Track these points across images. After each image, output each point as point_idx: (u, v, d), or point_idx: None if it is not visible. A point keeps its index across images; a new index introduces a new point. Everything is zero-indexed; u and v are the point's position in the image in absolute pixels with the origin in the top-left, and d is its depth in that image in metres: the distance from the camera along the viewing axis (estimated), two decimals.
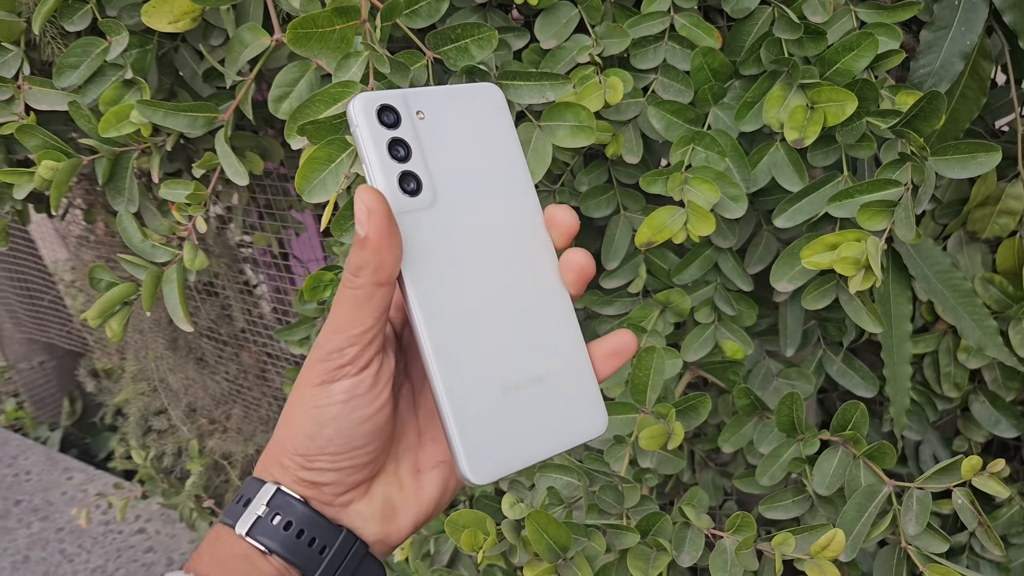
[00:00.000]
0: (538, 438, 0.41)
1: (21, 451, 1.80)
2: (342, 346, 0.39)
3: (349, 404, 0.40)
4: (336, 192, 0.57)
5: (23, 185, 0.73)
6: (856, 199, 0.65)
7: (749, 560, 0.56)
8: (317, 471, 0.41)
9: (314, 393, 0.40)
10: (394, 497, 0.43)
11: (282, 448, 0.42)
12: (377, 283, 0.38)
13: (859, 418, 0.67)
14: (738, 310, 0.79)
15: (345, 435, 0.41)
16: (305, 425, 0.41)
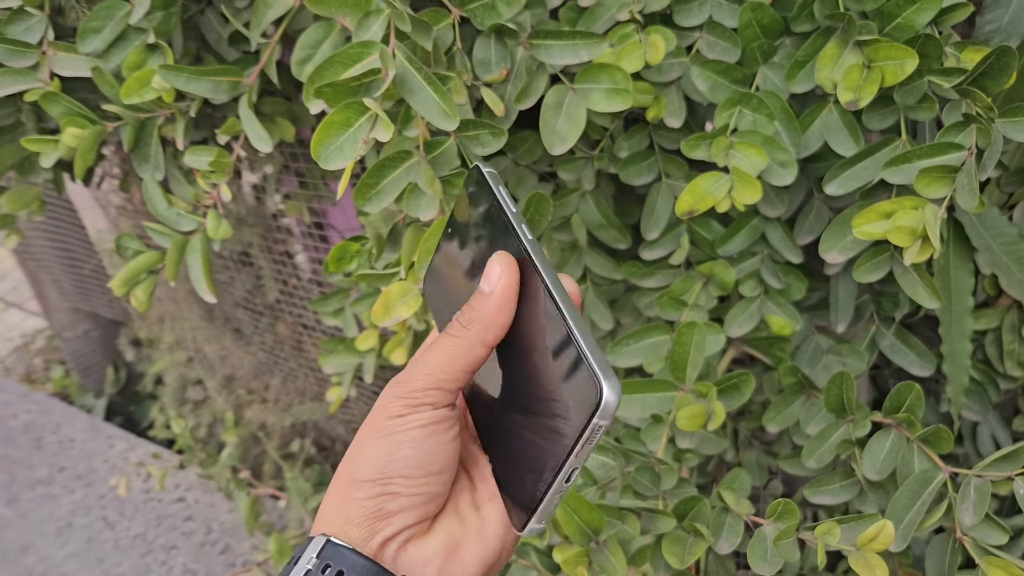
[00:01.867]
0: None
1: (65, 419, 1.83)
2: (427, 387, 0.40)
3: (426, 430, 0.39)
4: (354, 158, 0.54)
5: (49, 153, 0.72)
6: (914, 164, 0.60)
7: (790, 550, 0.53)
8: (390, 496, 0.39)
9: (391, 424, 0.40)
10: (455, 531, 0.41)
11: (348, 480, 0.40)
12: (483, 341, 0.39)
13: (914, 400, 0.63)
14: (786, 283, 0.75)
15: (423, 457, 0.39)
16: (378, 453, 0.39)
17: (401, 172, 0.59)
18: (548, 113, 0.65)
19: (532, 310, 0.40)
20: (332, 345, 1.06)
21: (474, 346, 0.40)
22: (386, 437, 0.39)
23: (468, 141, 0.62)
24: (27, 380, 2.40)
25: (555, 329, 0.38)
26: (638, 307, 0.81)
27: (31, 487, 1.65)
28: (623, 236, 0.78)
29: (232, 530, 1.49)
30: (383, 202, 0.58)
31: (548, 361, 0.38)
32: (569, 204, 0.79)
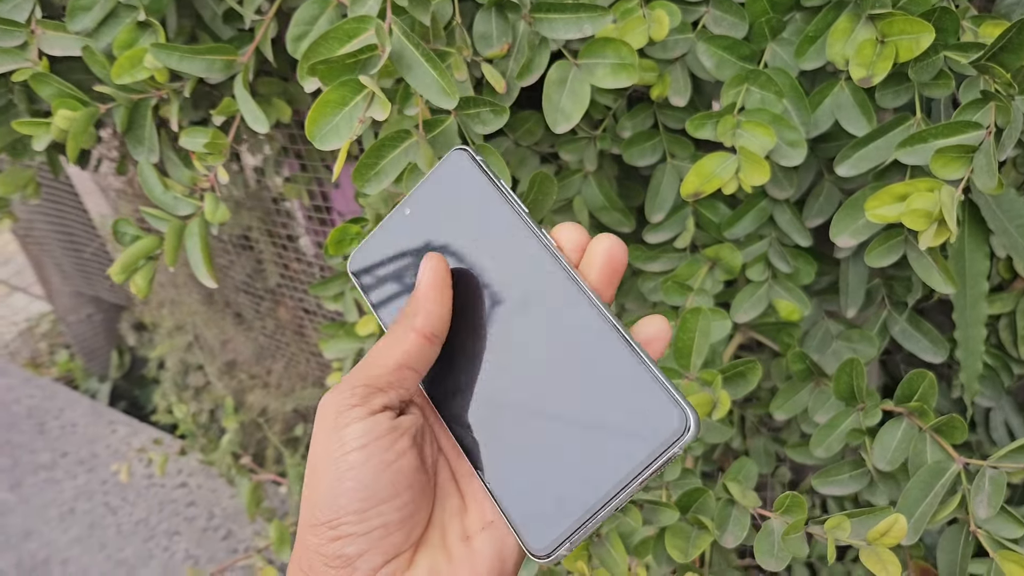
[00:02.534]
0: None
1: (68, 404, 1.82)
2: (357, 382, 0.38)
3: (365, 451, 0.36)
4: (350, 138, 0.52)
5: (41, 136, 0.70)
6: (930, 144, 0.58)
7: (798, 545, 0.51)
8: (345, 540, 0.36)
9: (330, 444, 0.37)
10: (442, 570, 0.37)
11: (306, 523, 0.37)
12: (412, 327, 0.38)
13: (927, 388, 0.61)
14: (795, 267, 0.72)
15: (367, 487, 0.36)
16: (324, 483, 0.36)
17: (400, 152, 0.57)
18: (551, 89, 0.63)
19: (566, 317, 0.38)
20: (332, 330, 1.05)
21: (405, 336, 0.38)
22: (330, 464, 0.36)
23: (469, 119, 0.60)
24: (32, 364, 2.40)
25: (607, 343, 0.36)
26: (642, 292, 0.79)
27: (34, 472, 1.65)
28: (627, 219, 0.76)
29: (234, 516, 1.48)
30: (382, 183, 0.56)
31: (603, 378, 0.36)
32: (571, 186, 0.76)
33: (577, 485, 0.35)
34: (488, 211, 0.41)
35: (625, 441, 0.35)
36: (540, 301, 0.39)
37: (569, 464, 0.36)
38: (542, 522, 0.36)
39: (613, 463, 0.35)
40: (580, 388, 0.37)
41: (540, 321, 0.38)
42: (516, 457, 0.37)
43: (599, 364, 0.36)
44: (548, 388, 0.37)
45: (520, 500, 0.37)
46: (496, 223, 0.41)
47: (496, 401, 0.38)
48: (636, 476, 0.34)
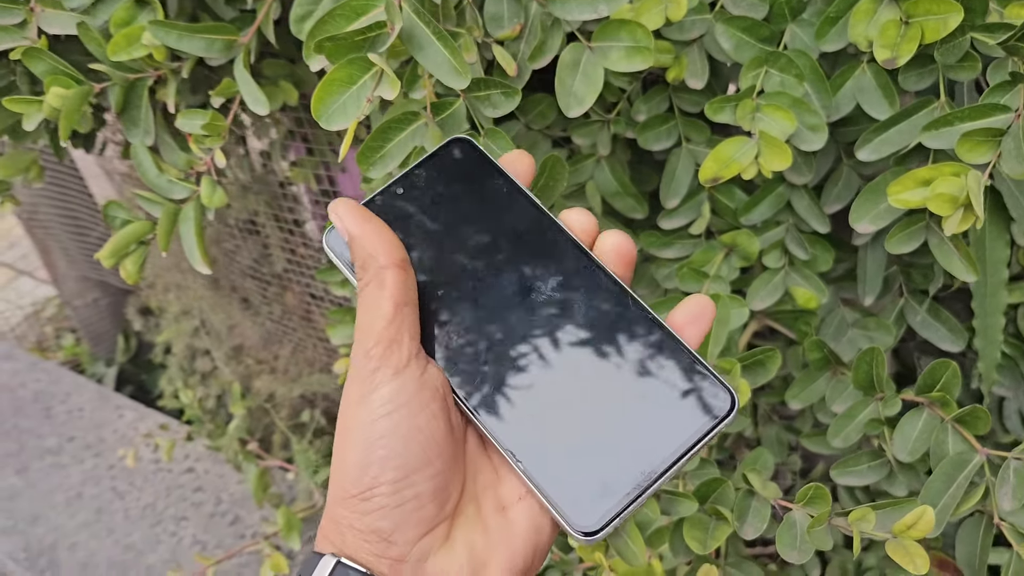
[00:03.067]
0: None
1: (75, 388, 1.81)
2: (369, 346, 0.36)
3: (395, 416, 0.35)
4: (357, 118, 0.51)
5: (33, 114, 0.68)
6: (956, 127, 0.56)
7: (823, 538, 0.50)
8: (378, 513, 0.34)
9: (356, 413, 0.35)
10: (479, 544, 0.36)
11: (336, 497, 0.36)
12: (380, 267, 0.37)
13: (950, 378, 0.59)
14: (812, 254, 0.71)
15: (399, 454, 0.35)
16: (354, 455, 0.35)
17: (407, 135, 0.55)
18: (564, 72, 0.62)
19: (594, 298, 0.38)
20: (340, 316, 1.03)
21: (380, 279, 0.37)
22: (358, 433, 0.35)
23: (479, 102, 0.58)
24: (38, 348, 2.39)
25: (640, 322, 0.37)
26: (656, 278, 0.77)
27: (40, 457, 1.65)
28: (640, 205, 0.75)
29: (242, 501, 1.48)
30: (388, 166, 0.55)
31: (640, 358, 0.36)
32: (583, 171, 0.75)
33: (623, 464, 0.35)
34: (496, 195, 0.41)
35: (671, 419, 0.35)
36: (565, 284, 0.38)
37: (613, 443, 0.36)
38: (587, 502, 0.35)
39: (660, 441, 0.35)
40: (618, 369, 0.37)
41: (568, 303, 0.38)
42: (554, 439, 0.37)
43: (634, 343, 0.37)
44: (584, 369, 0.37)
45: (561, 482, 0.36)
46: (507, 206, 0.41)
47: (526, 384, 0.38)
48: (684, 454, 0.35)
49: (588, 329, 0.38)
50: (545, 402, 0.37)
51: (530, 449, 0.36)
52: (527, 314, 0.38)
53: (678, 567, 0.70)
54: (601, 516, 0.35)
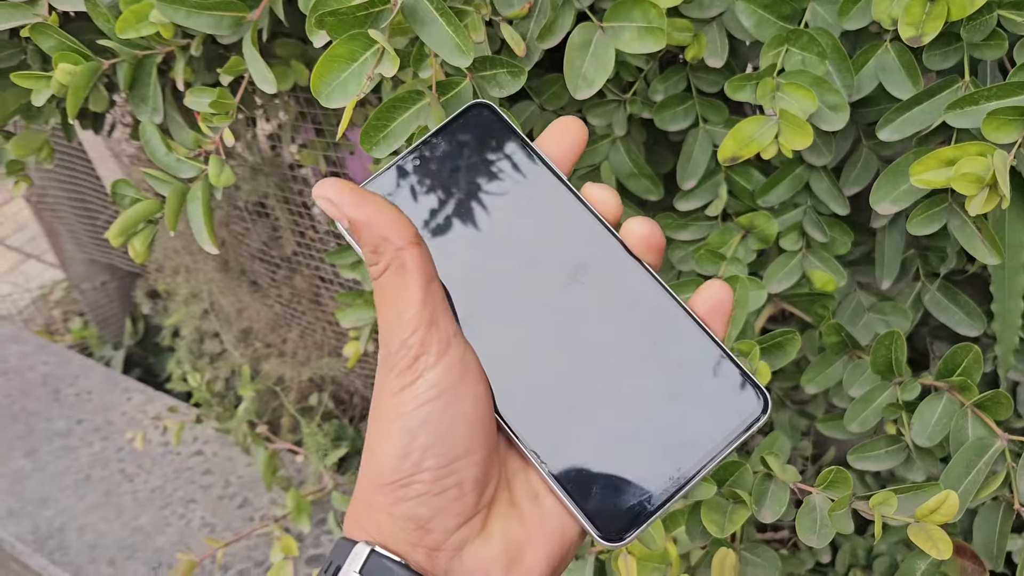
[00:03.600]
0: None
1: (83, 371, 1.81)
2: (405, 335, 0.33)
3: (440, 401, 0.33)
4: (357, 96, 0.50)
5: (41, 90, 0.68)
6: (981, 106, 0.55)
7: (844, 522, 0.49)
8: (416, 500, 0.33)
9: (397, 403, 0.33)
10: (516, 533, 0.34)
11: (370, 485, 0.34)
12: (397, 249, 0.34)
13: (971, 362, 0.59)
14: (830, 236, 0.70)
15: (444, 440, 0.33)
16: (392, 444, 0.33)
17: (412, 114, 0.54)
18: (573, 53, 0.60)
19: (622, 285, 0.36)
20: (349, 299, 1.03)
21: (400, 262, 0.34)
22: (397, 422, 0.33)
23: (485, 81, 0.57)
24: (46, 331, 2.40)
25: (669, 314, 0.35)
26: (671, 261, 0.77)
27: (49, 439, 1.65)
28: (655, 186, 0.74)
29: (250, 484, 1.48)
30: (391, 145, 0.54)
31: (671, 353, 0.35)
32: (598, 152, 0.74)
33: (651, 467, 0.34)
34: (519, 167, 0.38)
35: (703, 421, 0.34)
36: (590, 266, 0.36)
37: (641, 445, 0.34)
38: (612, 506, 0.34)
39: (691, 444, 0.34)
40: (647, 364, 0.35)
41: (593, 289, 0.36)
42: (579, 440, 0.35)
43: (665, 338, 0.35)
44: (611, 365, 0.35)
45: (586, 485, 0.34)
46: (530, 180, 0.38)
47: (552, 380, 0.36)
48: (714, 458, 0.33)
49: (617, 322, 0.36)
50: (571, 400, 0.35)
51: (555, 450, 0.35)
52: (552, 303, 0.36)
53: (692, 551, 0.70)
54: (627, 522, 0.33)
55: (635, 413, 0.35)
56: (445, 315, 0.34)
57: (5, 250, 2.91)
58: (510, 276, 0.37)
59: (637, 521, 0.33)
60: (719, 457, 0.34)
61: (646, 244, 0.37)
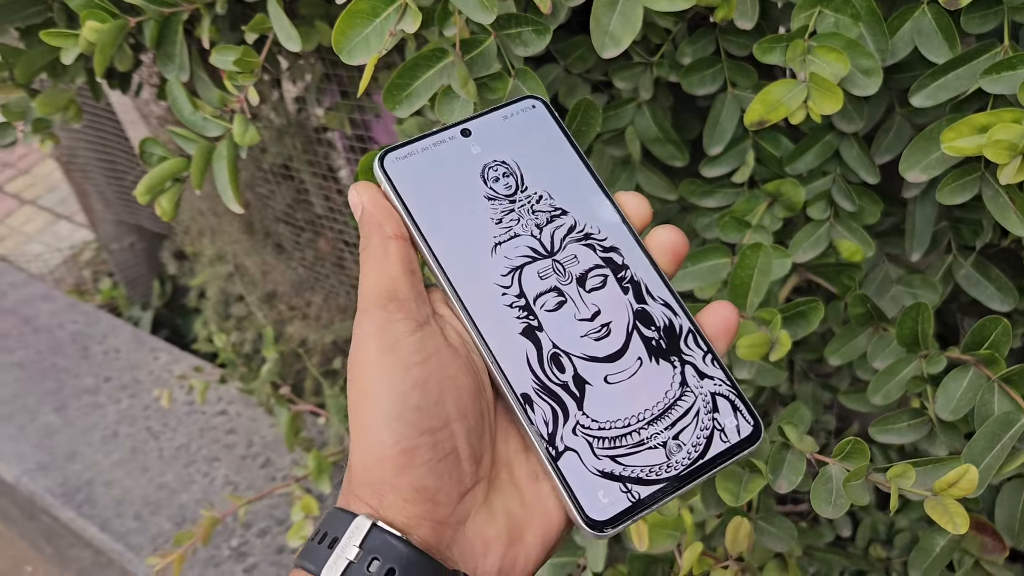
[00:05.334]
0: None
1: (111, 330, 1.84)
2: (383, 300, 0.35)
3: (427, 365, 0.34)
4: (379, 52, 0.49)
5: (70, 48, 0.68)
6: (1019, 72, 0.54)
7: (859, 493, 0.48)
8: (423, 469, 0.33)
9: (382, 365, 0.34)
10: (518, 512, 0.35)
11: (368, 458, 0.33)
12: (386, 236, 0.37)
13: (1000, 336, 0.57)
14: (859, 206, 0.69)
15: (436, 402, 0.33)
16: (385, 407, 0.33)
17: (435, 73, 0.54)
18: (600, 11, 0.59)
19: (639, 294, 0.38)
20: None
21: (385, 245, 0.37)
22: (385, 379, 0.33)
23: (509, 40, 0.56)
24: (77, 291, 2.43)
25: (682, 333, 0.37)
26: (695, 228, 0.75)
27: (78, 396, 1.67)
28: (680, 152, 0.73)
29: (273, 444, 1.49)
30: (414, 105, 0.53)
31: (677, 368, 0.37)
32: (623, 116, 0.73)
33: (643, 468, 0.35)
34: (559, 164, 0.40)
35: (697, 435, 0.35)
36: (610, 269, 0.39)
37: (637, 445, 0.36)
38: (601, 495, 0.35)
39: (684, 444, 0.35)
40: (651, 369, 0.37)
41: (612, 291, 0.38)
42: (582, 430, 0.36)
43: (672, 351, 0.37)
44: (618, 360, 0.37)
45: (581, 474, 0.35)
46: (567, 177, 0.40)
47: (560, 366, 0.37)
48: (701, 472, 0.35)
49: (627, 323, 0.37)
50: (578, 387, 0.36)
51: (556, 433, 0.36)
52: (573, 295, 0.38)
53: (707, 520, 0.70)
54: (610, 517, 0.34)
55: (635, 414, 0.36)
56: (422, 299, 0.36)
57: (37, 210, 2.95)
58: (530, 261, 0.38)
59: (623, 516, 0.34)
60: (706, 473, 0.35)
61: (673, 252, 0.39)
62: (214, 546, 1.33)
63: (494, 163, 0.40)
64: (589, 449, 0.35)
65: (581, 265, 0.38)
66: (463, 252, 0.38)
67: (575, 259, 0.38)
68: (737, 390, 0.36)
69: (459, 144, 0.40)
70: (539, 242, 0.38)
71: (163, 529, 1.40)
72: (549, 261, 0.38)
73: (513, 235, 0.38)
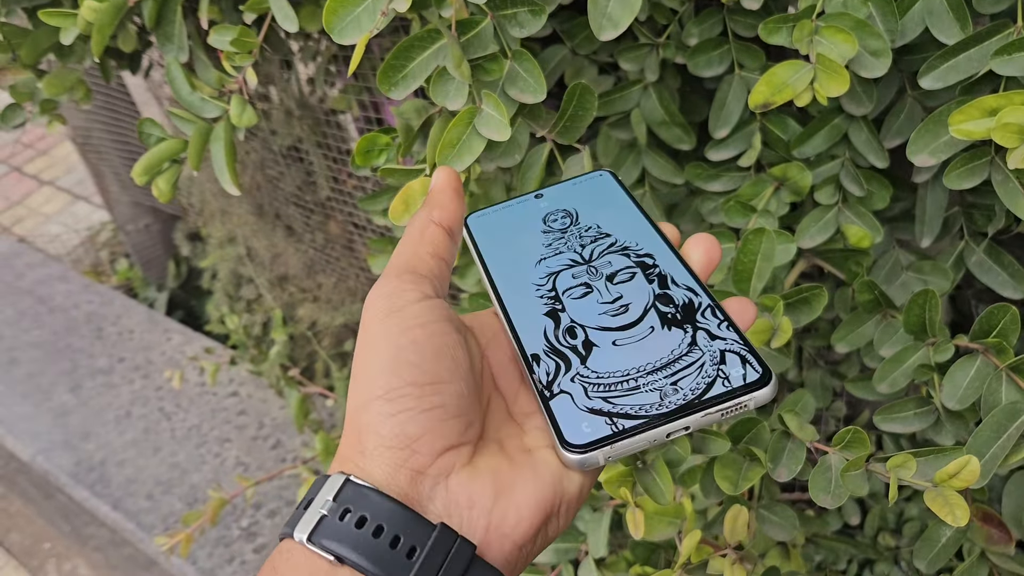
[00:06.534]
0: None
1: (125, 311, 1.85)
2: (401, 270, 0.38)
3: (426, 329, 0.35)
4: (371, 32, 0.49)
5: (69, 29, 0.67)
6: None
7: (858, 483, 0.48)
8: (405, 415, 0.33)
9: (385, 324, 0.35)
10: (504, 470, 0.34)
11: (358, 404, 0.34)
12: (431, 219, 0.40)
13: (1008, 323, 0.56)
14: (868, 190, 0.67)
15: (427, 361, 0.34)
16: (381, 360, 0.34)
17: (430, 54, 0.53)
18: None
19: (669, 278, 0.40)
20: (381, 245, 1.03)
21: (426, 227, 0.40)
22: (384, 341, 0.35)
23: (505, 20, 0.55)
24: (94, 272, 2.45)
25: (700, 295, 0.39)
26: (700, 212, 0.74)
27: (92, 376, 1.69)
28: (687, 135, 0.72)
29: (284, 426, 1.50)
30: (410, 87, 0.53)
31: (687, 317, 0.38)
32: (629, 98, 0.72)
33: (637, 395, 0.35)
34: (613, 208, 0.45)
35: (700, 375, 0.35)
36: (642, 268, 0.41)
37: (633, 374, 0.36)
38: (585, 428, 0.35)
39: (681, 388, 0.35)
40: (661, 314, 0.38)
41: (638, 283, 0.40)
42: (576, 354, 0.38)
43: (688, 322, 0.38)
44: (631, 306, 0.39)
45: (571, 410, 0.36)
46: (620, 216, 0.44)
47: (576, 332, 0.39)
48: (698, 407, 0.35)
49: (647, 303, 0.39)
50: (585, 347, 0.38)
51: (553, 379, 0.37)
52: (595, 284, 0.41)
53: (709, 507, 0.69)
54: (587, 438, 0.34)
55: (637, 367, 0.36)
56: (439, 284, 0.39)
57: (55, 191, 2.97)
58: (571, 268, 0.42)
59: (600, 441, 0.34)
60: (700, 412, 0.35)
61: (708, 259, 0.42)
62: (224, 526, 1.34)
63: (555, 210, 0.45)
64: (583, 392, 0.36)
65: (614, 267, 0.41)
66: (511, 265, 0.43)
67: (609, 264, 0.41)
68: (749, 346, 0.36)
69: (531, 203, 0.46)
70: (580, 255, 0.42)
71: (175, 509, 1.41)
72: (584, 266, 0.42)
73: (557, 252, 0.43)
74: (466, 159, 0.56)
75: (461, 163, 0.56)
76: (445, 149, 0.55)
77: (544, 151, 0.62)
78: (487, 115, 0.54)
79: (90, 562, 1.62)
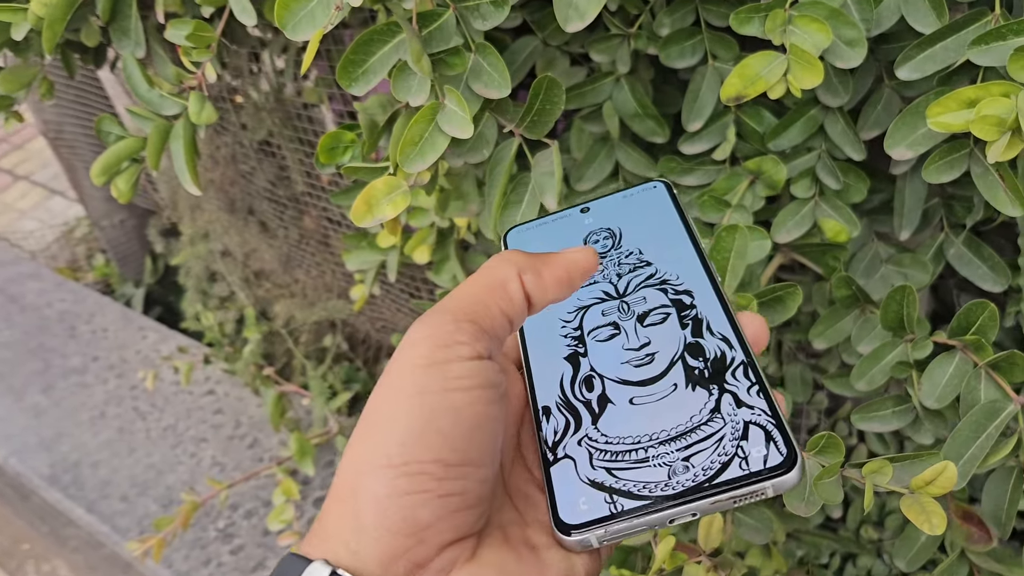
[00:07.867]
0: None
1: (99, 309, 1.82)
2: (459, 317, 0.31)
3: (471, 394, 0.29)
4: (324, 28, 0.46)
5: (19, 24, 0.65)
6: (1009, 42, 0.51)
7: (832, 491, 0.46)
8: (421, 496, 0.28)
9: (423, 377, 0.29)
10: (510, 567, 0.30)
11: (364, 465, 0.29)
12: (523, 283, 0.33)
13: (986, 320, 0.55)
14: (845, 183, 0.66)
15: (463, 436, 0.29)
16: (406, 420, 0.29)
17: (391, 48, 0.51)
18: None
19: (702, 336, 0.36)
20: (355, 241, 1.01)
21: (510, 284, 0.32)
22: (422, 398, 0.29)
23: (468, 12, 0.53)
24: (70, 268, 2.41)
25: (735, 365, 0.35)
26: None
27: (65, 376, 1.66)
28: (660, 128, 0.70)
29: (261, 424, 1.48)
30: (370, 82, 0.51)
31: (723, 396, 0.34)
32: (601, 91, 0.70)
33: (643, 470, 0.32)
34: (659, 227, 0.41)
35: (714, 460, 0.32)
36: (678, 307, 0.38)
37: (641, 464, 0.33)
38: (582, 504, 0.32)
39: (693, 466, 0.32)
40: (686, 390, 0.35)
41: (670, 327, 0.37)
42: (591, 424, 0.35)
43: (716, 382, 0.35)
44: (655, 387, 0.35)
45: (571, 481, 0.33)
46: (664, 238, 0.41)
47: (593, 384, 0.36)
48: (709, 493, 0.31)
49: (675, 353, 0.36)
50: (600, 404, 0.35)
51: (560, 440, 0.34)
52: (624, 325, 0.38)
53: None
54: (584, 520, 0.31)
55: (649, 433, 0.33)
56: (498, 345, 0.32)
57: (31, 186, 2.92)
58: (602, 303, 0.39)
59: (594, 523, 0.31)
60: (709, 497, 0.31)
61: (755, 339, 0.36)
62: (200, 528, 1.32)
63: (599, 229, 0.42)
64: (588, 459, 0.33)
65: (647, 304, 0.38)
66: None
67: (643, 300, 0.38)
68: (777, 419, 0.32)
69: (575, 219, 0.43)
70: (614, 288, 0.39)
71: (150, 511, 1.39)
72: (616, 302, 0.39)
73: (591, 282, 0.40)
74: (429, 157, 0.54)
75: (424, 161, 0.54)
76: (407, 147, 0.53)
77: (513, 146, 0.61)
78: (450, 111, 0.52)
79: (69, 563, 1.60)
